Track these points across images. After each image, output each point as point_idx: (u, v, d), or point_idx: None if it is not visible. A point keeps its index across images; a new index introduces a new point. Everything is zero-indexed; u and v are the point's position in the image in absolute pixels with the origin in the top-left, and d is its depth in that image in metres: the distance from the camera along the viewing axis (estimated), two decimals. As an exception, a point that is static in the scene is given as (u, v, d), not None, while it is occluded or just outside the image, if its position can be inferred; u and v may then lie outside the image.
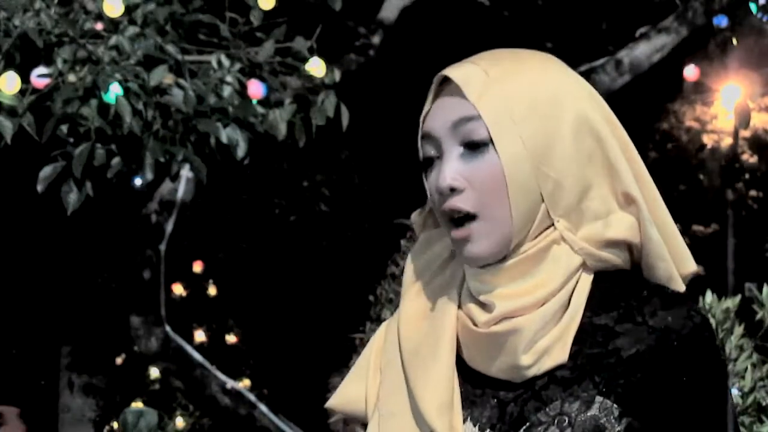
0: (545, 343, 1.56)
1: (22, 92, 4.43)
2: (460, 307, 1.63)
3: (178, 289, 11.63)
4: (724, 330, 4.29)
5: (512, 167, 1.56)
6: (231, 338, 11.81)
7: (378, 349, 1.68)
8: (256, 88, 4.72)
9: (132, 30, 4.55)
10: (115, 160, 4.47)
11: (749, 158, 19.87)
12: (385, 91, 10.26)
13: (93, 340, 11.92)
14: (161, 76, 4.44)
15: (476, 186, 1.57)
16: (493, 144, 1.56)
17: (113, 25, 4.59)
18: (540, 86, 1.59)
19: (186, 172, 6.62)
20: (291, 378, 13.03)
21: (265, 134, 4.73)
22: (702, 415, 1.56)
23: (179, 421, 11.04)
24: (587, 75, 7.40)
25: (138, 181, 5.00)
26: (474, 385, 1.61)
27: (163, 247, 6.95)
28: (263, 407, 7.07)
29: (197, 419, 10.96)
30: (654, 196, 1.61)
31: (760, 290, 4.43)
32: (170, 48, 4.56)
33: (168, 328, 6.99)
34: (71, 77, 4.41)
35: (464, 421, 1.59)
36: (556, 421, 1.55)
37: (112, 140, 4.43)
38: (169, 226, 6.95)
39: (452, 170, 1.58)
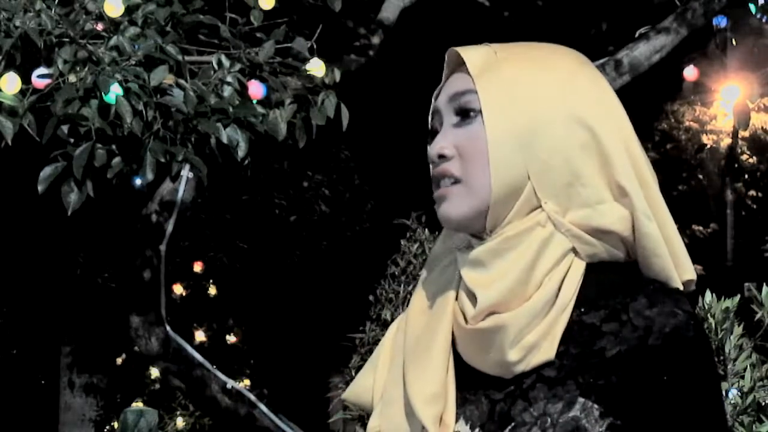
0: (532, 339, 1.56)
1: (22, 93, 4.43)
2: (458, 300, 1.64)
3: (178, 289, 11.64)
4: (723, 330, 4.30)
5: (496, 139, 1.58)
6: (231, 338, 11.81)
7: (390, 341, 1.70)
8: (256, 89, 4.73)
9: (132, 30, 4.56)
10: (116, 161, 4.47)
11: (749, 158, 19.86)
12: (385, 91, 10.26)
13: (93, 340, 11.92)
14: (162, 76, 4.45)
15: (462, 153, 1.61)
16: (482, 115, 1.60)
17: (114, 26, 4.59)
18: (542, 74, 1.62)
19: (186, 173, 6.63)
20: (291, 378, 13.02)
21: (265, 134, 4.73)
22: (686, 415, 1.53)
23: (179, 421, 11.05)
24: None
25: (138, 182, 4.99)
26: (469, 384, 1.61)
27: (163, 247, 6.95)
28: (263, 407, 7.07)
29: (197, 419, 10.97)
30: (654, 194, 1.61)
31: (760, 290, 4.43)
32: (170, 48, 4.56)
33: (168, 328, 6.99)
34: (72, 78, 4.41)
35: (457, 419, 1.60)
36: (539, 422, 1.54)
37: (113, 140, 4.43)
38: (169, 226, 6.95)
39: (444, 138, 1.63)
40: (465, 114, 1.62)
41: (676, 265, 1.60)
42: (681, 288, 1.60)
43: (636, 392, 1.53)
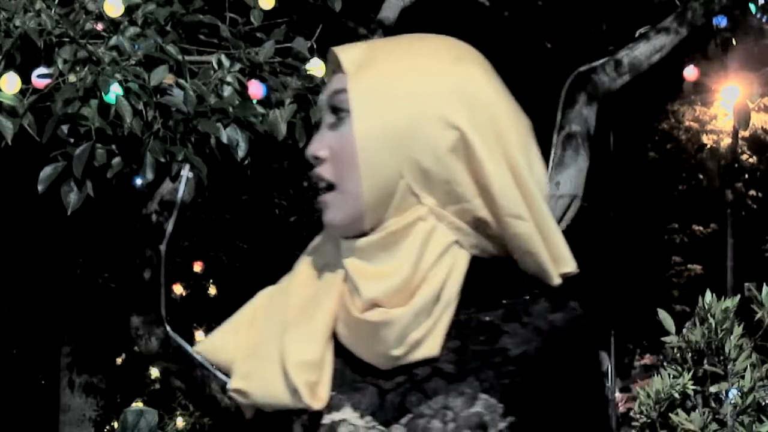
0: (417, 335, 1.56)
1: (22, 92, 4.43)
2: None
3: (178, 289, 11.65)
4: (723, 330, 4.30)
5: (364, 140, 1.58)
6: (231, 338, 11.80)
7: (260, 306, 1.70)
8: (256, 89, 4.72)
9: (132, 30, 4.56)
10: (116, 160, 4.47)
11: (749, 158, 19.88)
12: (385, 92, 10.25)
13: (93, 340, 11.93)
14: (162, 76, 4.45)
15: (335, 155, 1.60)
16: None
17: (114, 26, 4.59)
18: (413, 73, 1.60)
19: (186, 173, 6.63)
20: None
21: (265, 134, 4.73)
22: (584, 412, 1.58)
23: (179, 421, 11.06)
24: (587, 75, 7.42)
25: (138, 181, 4.99)
26: (354, 370, 1.60)
27: (163, 247, 6.95)
28: (263, 407, 7.07)
29: (197, 419, 10.98)
30: (531, 191, 1.59)
31: (759, 290, 4.44)
32: (170, 48, 4.56)
33: (168, 328, 7.00)
34: (72, 77, 4.41)
35: (343, 406, 1.60)
36: (439, 414, 1.55)
37: (113, 140, 4.43)
38: (169, 226, 6.95)
39: (320, 140, 1.63)
40: (338, 114, 1.62)
41: (555, 258, 1.61)
42: (559, 281, 1.61)
43: (539, 393, 1.56)
